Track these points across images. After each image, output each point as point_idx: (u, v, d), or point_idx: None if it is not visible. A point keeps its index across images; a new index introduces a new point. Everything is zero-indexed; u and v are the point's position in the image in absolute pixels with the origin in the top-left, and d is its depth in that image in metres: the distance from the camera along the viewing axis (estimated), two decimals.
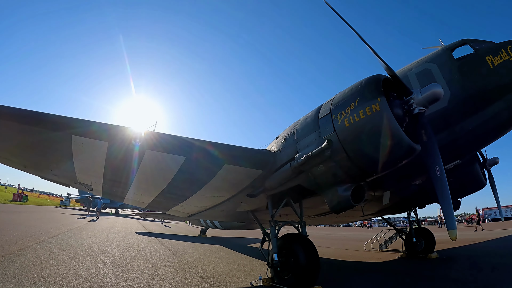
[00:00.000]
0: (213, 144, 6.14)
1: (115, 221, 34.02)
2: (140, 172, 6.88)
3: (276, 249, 6.81)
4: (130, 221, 36.16)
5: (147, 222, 40.88)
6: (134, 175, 7.09)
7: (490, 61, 6.53)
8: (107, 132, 5.82)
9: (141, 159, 6.31)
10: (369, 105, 5.10)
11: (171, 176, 6.77)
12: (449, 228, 4.71)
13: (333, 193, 6.03)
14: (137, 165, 6.58)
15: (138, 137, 5.86)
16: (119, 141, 5.90)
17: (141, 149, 6.01)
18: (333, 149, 5.49)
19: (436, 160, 5.12)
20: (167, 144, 6.00)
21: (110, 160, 6.50)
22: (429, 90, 5.19)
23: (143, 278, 7.22)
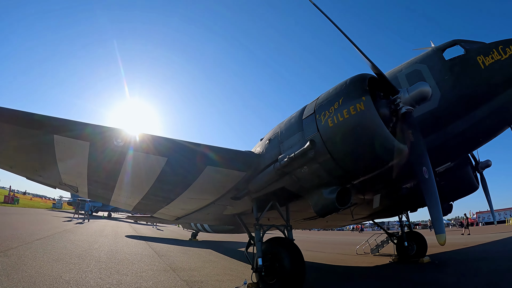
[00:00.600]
0: (194, 144, 6.02)
1: (107, 224, 33.70)
2: (123, 173, 6.77)
3: (261, 253, 6.63)
4: (122, 225, 35.87)
5: (139, 225, 40.59)
6: (118, 176, 6.97)
7: (481, 61, 6.46)
8: (88, 132, 5.70)
9: (123, 160, 6.20)
10: (353, 104, 4.92)
11: (155, 177, 6.63)
12: (438, 232, 4.54)
13: (318, 196, 5.87)
14: (120, 166, 6.45)
15: (119, 137, 5.75)
16: (101, 141, 5.79)
17: (123, 149, 5.89)
18: (316, 150, 5.30)
19: (423, 161, 4.96)
20: (148, 145, 5.87)
21: (93, 160, 6.38)
22: (416, 89, 5.04)
23: (125, 281, 7.11)
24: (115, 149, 5.90)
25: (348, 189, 5.89)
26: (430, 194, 4.78)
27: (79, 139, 5.75)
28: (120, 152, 5.97)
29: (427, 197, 4.78)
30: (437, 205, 4.70)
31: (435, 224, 4.61)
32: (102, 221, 39.13)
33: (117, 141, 5.78)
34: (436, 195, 4.74)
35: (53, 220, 28.53)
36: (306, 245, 23.78)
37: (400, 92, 5.22)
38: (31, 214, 33.76)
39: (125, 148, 5.88)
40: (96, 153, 6.11)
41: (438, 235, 4.51)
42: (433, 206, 4.71)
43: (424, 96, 5.04)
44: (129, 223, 42.30)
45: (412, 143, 5.05)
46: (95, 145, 5.87)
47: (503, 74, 6.30)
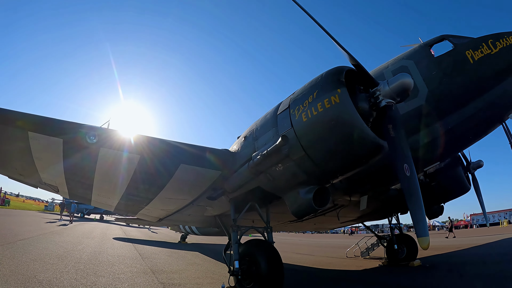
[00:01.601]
0: (167, 142, 5.90)
1: (97, 226, 33.34)
2: (98, 171, 6.68)
3: (238, 255, 6.42)
4: (113, 227, 35.48)
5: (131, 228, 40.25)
6: (93, 175, 6.88)
7: (470, 55, 6.25)
8: (61, 129, 5.62)
9: (97, 158, 6.09)
10: (328, 97, 4.64)
11: (130, 176, 6.51)
12: (420, 235, 4.28)
13: (295, 196, 5.64)
14: (94, 164, 6.36)
15: (92, 134, 5.64)
16: (73, 138, 5.69)
17: (95, 146, 5.78)
18: (290, 147, 5.05)
19: (405, 158, 4.69)
20: (120, 142, 5.78)
21: (67, 158, 6.28)
22: (397, 80, 4.72)
23: (100, 282, 6.95)
24: (88, 146, 5.78)
25: (326, 189, 5.65)
26: (411, 193, 4.51)
27: (52, 136, 5.66)
28: (93, 149, 5.87)
29: (408, 196, 4.51)
30: (419, 205, 4.44)
31: (417, 227, 4.34)
32: (93, 224, 38.83)
33: (90, 138, 5.66)
34: (418, 195, 4.48)
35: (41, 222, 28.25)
36: (296, 247, 23.77)
37: (379, 84, 4.93)
38: (20, 215, 33.33)
39: (97, 145, 5.77)
40: (70, 151, 6.03)
41: (421, 238, 4.26)
42: (415, 206, 4.44)
43: (406, 88, 4.73)
44: (120, 225, 41.90)
45: (393, 138, 4.75)
46: (68, 142, 5.77)
47: (493, 68, 6.10)
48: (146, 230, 40.31)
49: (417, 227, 4.32)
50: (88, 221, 45.55)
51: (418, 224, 4.33)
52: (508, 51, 6.01)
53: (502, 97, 6.23)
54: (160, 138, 5.86)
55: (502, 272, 8.85)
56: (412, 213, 4.43)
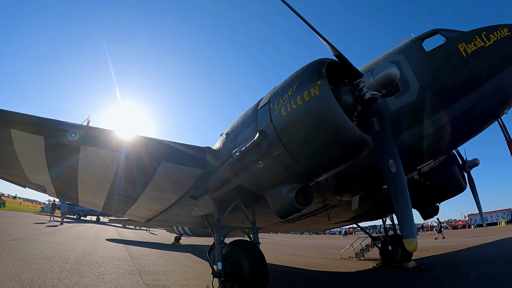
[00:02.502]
0: (147, 139, 5.80)
1: (92, 228, 33.26)
2: (81, 170, 6.62)
3: (221, 257, 6.26)
4: (108, 229, 35.44)
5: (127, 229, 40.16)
6: (76, 173, 6.83)
7: (463, 49, 6.07)
8: (41, 126, 5.57)
9: (78, 155, 6.02)
10: (308, 90, 4.43)
11: (112, 174, 6.44)
12: (406, 236, 3.97)
13: (277, 194, 5.42)
14: (76, 162, 6.30)
15: (72, 131, 5.57)
16: (53, 136, 5.62)
17: (76, 144, 5.70)
18: (270, 143, 4.84)
19: (390, 153, 4.41)
20: (101, 139, 5.70)
21: (50, 156, 6.24)
22: (382, 71, 4.44)
23: (82, 283, 6.89)
24: (69, 144, 5.71)
25: (309, 187, 5.45)
26: (396, 190, 4.23)
27: (34, 133, 5.62)
28: (74, 147, 5.79)
29: (393, 193, 4.24)
30: (406, 203, 4.16)
31: (403, 227, 4.05)
32: (88, 225, 38.68)
33: (71, 135, 5.60)
34: (404, 192, 4.20)
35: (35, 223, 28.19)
36: (291, 249, 23.64)
37: (363, 76, 4.68)
38: (15, 217, 33.40)
39: (77, 143, 5.69)
40: (52, 148, 5.97)
41: (407, 239, 3.95)
42: (401, 204, 4.16)
43: (391, 79, 4.47)
44: (116, 227, 41.81)
45: (377, 132, 4.49)
46: (49, 140, 5.71)
47: (487, 61, 5.92)
48: (145, 231, 40.21)
49: (403, 227, 4.06)
50: (84, 222, 45.49)
51: (404, 224, 4.06)
52: (502, 44, 5.85)
53: (496, 92, 6.06)
54: (140, 135, 5.78)
55: (499, 273, 8.76)
56: (397, 212, 4.18)
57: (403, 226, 4.04)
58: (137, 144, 5.72)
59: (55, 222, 31.17)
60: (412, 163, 7.50)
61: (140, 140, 5.74)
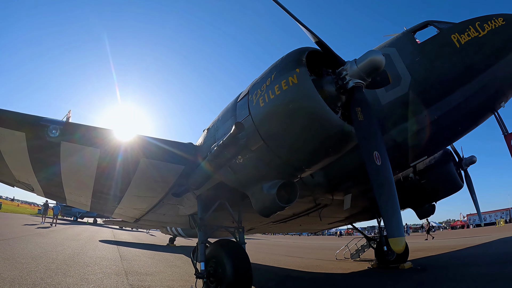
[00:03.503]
0: (126, 134, 5.70)
1: (87, 229, 33.21)
2: (63, 167, 6.58)
3: (203, 257, 6.09)
4: (103, 230, 35.38)
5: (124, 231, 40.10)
6: (59, 171, 6.78)
7: (456, 39, 5.87)
8: (21, 122, 5.51)
9: (59, 152, 5.96)
10: (286, 78, 4.20)
11: (94, 171, 6.36)
12: (392, 235, 3.71)
13: (258, 191, 5.23)
14: (58, 159, 6.24)
15: (52, 127, 5.51)
16: (34, 132, 5.56)
17: (56, 140, 5.63)
18: (248, 136, 4.65)
19: (375, 144, 4.15)
20: (80, 135, 5.61)
21: (32, 153, 6.18)
22: (366, 58, 4.21)
23: (65, 282, 6.84)
24: (50, 140, 5.65)
25: (293, 184, 5.25)
26: (381, 184, 3.96)
27: (15, 130, 5.55)
28: (55, 143, 5.72)
29: (377, 188, 3.97)
30: (392, 199, 3.89)
31: (389, 225, 3.78)
32: (84, 227, 38.63)
33: (52, 131, 5.54)
34: (391, 187, 3.96)
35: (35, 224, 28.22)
36: (286, 250, 23.70)
37: (346, 63, 4.45)
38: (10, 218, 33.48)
39: (57, 139, 5.63)
40: (34, 145, 5.91)
41: (393, 239, 3.69)
42: (386, 200, 3.89)
43: (376, 66, 4.22)
44: (112, 228, 41.67)
45: (361, 122, 4.22)
46: (30, 136, 5.65)
47: (482, 52, 5.73)
48: (144, 233, 40.11)
49: (389, 225, 3.78)
50: (80, 224, 45.41)
51: (390, 222, 3.81)
52: (497, 34, 5.68)
53: (492, 83, 5.86)
54: (118, 130, 5.68)
55: (498, 274, 8.63)
56: (382, 208, 3.90)
57: (389, 224, 3.80)
58: (115, 140, 5.62)
59: (47, 223, 30.98)
60: (406, 160, 7.31)
61: (119, 136, 5.64)
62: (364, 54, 4.28)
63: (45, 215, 34.20)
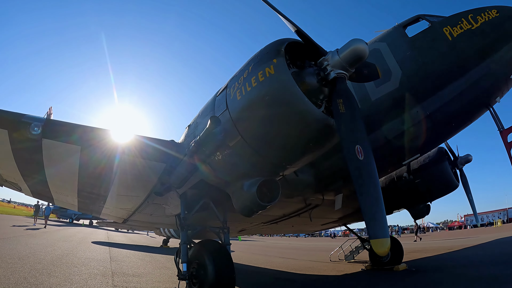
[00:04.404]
0: (106, 132, 5.64)
1: (81, 231, 33.10)
2: (47, 165, 6.54)
3: (186, 258, 6.00)
4: (98, 232, 35.20)
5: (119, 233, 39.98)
6: (43, 169, 6.74)
7: (448, 32, 5.76)
8: (4, 119, 5.48)
9: (41, 150, 5.92)
10: (263, 69, 4.02)
11: (76, 169, 6.32)
12: (374, 236, 3.50)
13: (238, 190, 5.11)
14: (41, 157, 6.20)
15: (34, 124, 5.47)
16: (17, 129, 5.52)
17: (38, 137, 5.58)
18: (226, 131, 4.52)
19: (357, 138, 3.94)
20: (60, 132, 5.58)
21: (16, 151, 6.15)
22: (348, 47, 3.99)
23: (48, 283, 6.80)
24: (32, 138, 5.61)
25: (274, 181, 5.09)
26: (363, 181, 3.75)
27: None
28: (37, 140, 5.68)
29: (360, 185, 3.74)
30: (377, 197, 3.70)
31: (372, 224, 3.58)
32: (79, 228, 38.49)
33: (33, 128, 5.49)
34: (375, 184, 3.77)
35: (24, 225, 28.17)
36: (281, 251, 23.62)
37: (328, 54, 4.23)
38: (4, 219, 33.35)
39: (39, 136, 5.59)
40: (17, 143, 5.87)
41: (376, 240, 3.49)
42: (370, 198, 3.69)
43: (359, 55, 4.01)
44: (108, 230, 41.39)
45: (342, 115, 4.00)
46: (13, 134, 5.61)
47: (475, 44, 5.60)
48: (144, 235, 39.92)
49: (371, 225, 3.58)
50: (76, 226, 45.31)
51: (373, 221, 3.59)
52: (491, 25, 5.56)
53: (486, 77, 5.71)
54: (99, 128, 5.65)
55: (494, 276, 8.52)
56: (364, 206, 3.69)
57: (371, 224, 3.59)
58: (96, 137, 5.57)
59: (40, 224, 30.58)
60: (397, 158, 7.22)
61: (99, 133, 5.58)
62: (346, 43, 4.09)
63: (36, 216, 33.59)
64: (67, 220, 54.95)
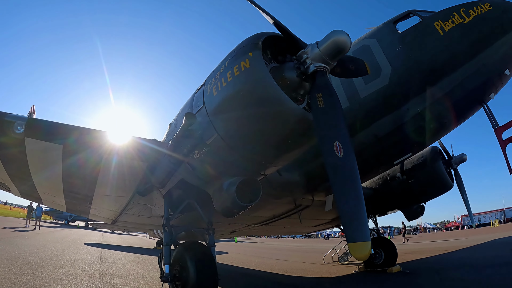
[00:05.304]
0: (87, 130, 5.61)
1: (76, 232, 33.01)
2: (31, 165, 6.54)
3: (168, 259, 5.90)
4: (93, 233, 34.99)
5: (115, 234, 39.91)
6: (28, 169, 6.74)
7: (439, 27, 5.68)
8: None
9: (24, 149, 5.91)
10: (238, 63, 3.89)
11: (60, 169, 6.31)
12: (353, 240, 3.30)
13: (218, 190, 5.02)
14: (24, 156, 6.19)
15: (18, 124, 5.47)
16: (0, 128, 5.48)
17: (21, 136, 5.57)
18: (203, 128, 4.39)
19: (336, 133, 3.75)
20: (42, 130, 5.54)
21: (1, 150, 6.13)
22: (328, 39, 3.80)
23: (33, 283, 6.82)
24: (15, 137, 5.60)
25: (254, 181, 4.98)
26: (343, 180, 3.56)
27: None
28: (20, 140, 5.68)
29: (338, 185, 3.57)
30: (357, 198, 3.46)
31: (349, 226, 3.40)
32: (73, 230, 38.19)
33: (17, 128, 5.49)
34: (355, 183, 3.57)
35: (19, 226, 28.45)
36: (276, 253, 23.56)
37: (307, 46, 4.06)
38: None
39: (22, 135, 5.59)
40: (1, 143, 5.83)
41: (355, 244, 3.30)
42: (349, 198, 3.48)
43: (339, 47, 3.81)
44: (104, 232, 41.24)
45: (321, 109, 3.83)
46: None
47: (467, 39, 5.53)
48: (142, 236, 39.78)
49: (349, 227, 3.40)
50: (71, 228, 45.21)
51: (352, 223, 3.41)
52: (484, 19, 5.49)
53: (479, 73, 5.63)
54: (79, 126, 5.62)
55: (490, 278, 8.52)
56: (341, 207, 3.50)
57: (349, 225, 3.41)
58: (77, 136, 5.53)
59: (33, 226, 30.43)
60: (388, 157, 7.19)
61: (81, 132, 5.55)
62: (326, 35, 3.90)
63: (29, 218, 33.18)
64: (63, 222, 54.88)
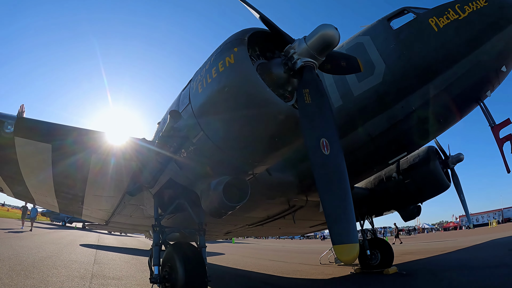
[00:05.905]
0: (76, 130, 5.62)
1: (72, 234, 33.00)
2: (22, 164, 6.56)
3: (158, 260, 5.86)
4: (90, 235, 34.85)
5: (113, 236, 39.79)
6: (19, 169, 6.75)
7: (434, 23, 5.63)
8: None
9: (14, 148, 5.92)
10: (223, 59, 3.82)
11: (50, 168, 6.32)
12: (339, 242, 3.14)
13: (205, 189, 4.97)
14: (15, 156, 6.20)
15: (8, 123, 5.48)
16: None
17: (10, 136, 5.58)
18: (188, 127, 4.35)
19: (322, 130, 3.60)
20: (31, 129, 5.56)
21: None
22: (316, 34, 3.70)
23: (23, 284, 6.84)
24: (4, 136, 5.61)
25: (242, 180, 4.92)
26: (331, 180, 3.40)
27: None
28: (10, 139, 5.68)
29: (324, 183, 3.41)
30: (345, 197, 3.32)
31: (335, 227, 3.24)
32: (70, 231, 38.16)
33: (7, 127, 5.50)
34: (343, 181, 3.41)
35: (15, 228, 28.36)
36: (273, 254, 23.62)
37: (294, 41, 3.95)
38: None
39: (12, 135, 5.60)
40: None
41: (340, 246, 3.14)
42: (335, 198, 3.32)
43: (327, 42, 3.71)
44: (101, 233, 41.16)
45: (307, 105, 3.69)
46: None
47: (463, 35, 5.48)
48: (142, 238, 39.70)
49: (335, 228, 3.24)
50: (68, 229, 45.11)
51: (337, 224, 3.25)
52: (479, 15, 5.42)
53: (475, 70, 5.58)
54: (68, 126, 5.63)
55: (487, 279, 8.49)
56: (327, 207, 3.33)
57: (335, 226, 3.26)
58: (66, 135, 5.53)
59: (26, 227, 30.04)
60: (382, 156, 7.16)
61: (69, 131, 5.55)
62: (314, 29, 3.81)
63: (24, 219, 32.63)
64: (60, 223, 54.76)
